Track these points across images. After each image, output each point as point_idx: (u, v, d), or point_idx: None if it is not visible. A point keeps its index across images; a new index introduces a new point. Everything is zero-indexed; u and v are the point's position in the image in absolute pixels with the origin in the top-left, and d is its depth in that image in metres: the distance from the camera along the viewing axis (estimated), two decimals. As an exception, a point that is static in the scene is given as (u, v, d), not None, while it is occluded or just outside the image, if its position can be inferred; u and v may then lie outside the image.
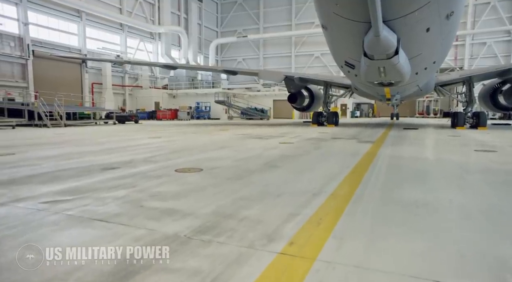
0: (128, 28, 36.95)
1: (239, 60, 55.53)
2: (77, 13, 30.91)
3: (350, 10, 6.58)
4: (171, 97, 39.40)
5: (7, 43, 25.42)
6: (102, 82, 32.95)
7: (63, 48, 29.84)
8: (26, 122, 18.88)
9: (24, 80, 26.50)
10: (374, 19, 6.03)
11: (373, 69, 8.85)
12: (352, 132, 13.51)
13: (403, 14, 6.57)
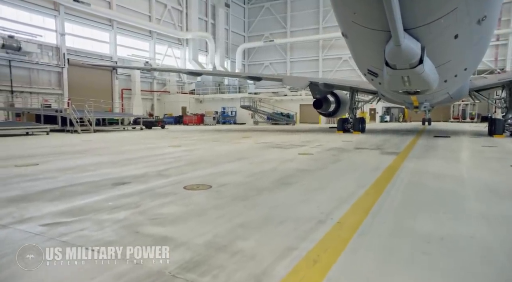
0: (156, 35, 37.91)
1: (266, 65, 55.54)
2: (109, 22, 32.10)
3: (368, 19, 6.28)
4: (198, 102, 39.96)
5: (46, 53, 26.82)
6: (131, 88, 33.96)
7: (95, 56, 31.05)
8: (59, 128, 19.74)
9: (59, 87, 27.80)
10: (394, 29, 5.70)
11: (397, 79, 8.44)
12: (378, 140, 13.01)
13: (427, 22, 6.18)
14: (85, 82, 29.15)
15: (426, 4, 5.86)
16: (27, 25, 25.98)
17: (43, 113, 20.50)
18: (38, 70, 26.45)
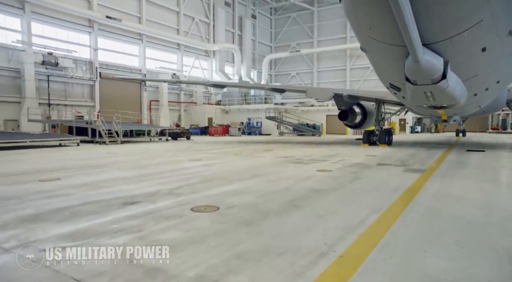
0: (184, 47, 38.92)
1: (293, 75, 55.46)
2: (138, 37, 33.36)
3: (384, 34, 6.03)
4: (224, 113, 40.39)
5: (80, 67, 28.22)
6: (159, 99, 34.90)
7: (125, 69, 32.29)
8: (89, 139, 20.51)
9: (91, 99, 29.07)
10: (410, 45, 5.43)
11: (419, 94, 8.05)
12: (404, 155, 12.48)
13: (448, 37, 5.85)
14: (116, 94, 30.30)
15: (445, 19, 5.56)
16: (64, 42, 27.45)
17: (75, 125, 21.42)
18: (73, 84, 27.83)
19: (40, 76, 25.33)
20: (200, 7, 41.62)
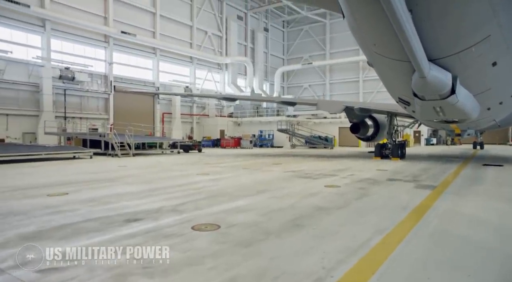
0: (197, 60, 39.52)
1: (305, 87, 55.49)
2: (152, 51, 34.08)
3: (389, 50, 5.95)
4: (236, 125, 40.56)
5: (95, 81, 28.95)
6: (172, 112, 35.34)
7: (139, 82, 32.95)
8: (102, 152, 20.84)
9: (106, 112, 29.68)
10: (415, 61, 5.32)
11: (428, 109, 7.88)
12: (416, 169, 12.18)
13: (455, 52, 5.72)
14: (129, 107, 30.86)
15: (450, 35, 5.45)
16: (81, 56, 28.29)
17: (89, 138, 21.83)
18: (88, 97, 28.52)
19: (57, 90, 26.07)
20: (213, 21, 42.36)
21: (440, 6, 4.89)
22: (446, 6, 4.91)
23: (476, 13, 5.03)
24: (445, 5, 4.90)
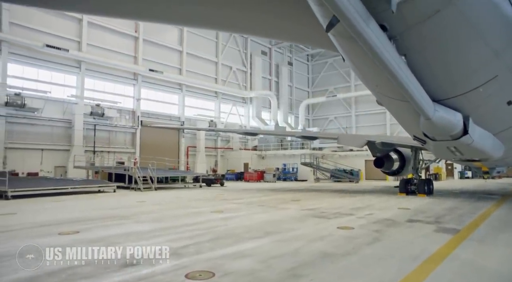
0: (222, 95, 40.55)
1: (331, 119, 55.14)
2: (178, 86, 35.44)
3: (392, 91, 5.79)
4: (260, 158, 40.52)
5: (123, 116, 30.24)
6: (196, 145, 35.97)
7: (165, 117, 34.06)
8: (125, 185, 21.29)
9: (133, 146, 30.67)
10: (415, 104, 5.10)
11: (443, 149, 7.49)
12: (442, 208, 11.46)
13: (461, 93, 5.47)
14: (155, 141, 31.77)
15: (451, 77, 5.25)
16: (111, 93, 29.88)
17: (114, 171, 22.46)
18: (116, 132, 29.72)
19: (87, 125, 27.39)
20: (238, 57, 43.78)
21: (432, 51, 4.76)
22: (439, 52, 4.78)
23: (474, 57, 4.86)
24: (437, 51, 4.77)
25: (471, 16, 4.16)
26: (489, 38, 4.53)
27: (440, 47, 4.65)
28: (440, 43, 4.57)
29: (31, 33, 24.87)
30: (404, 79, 4.36)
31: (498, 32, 4.50)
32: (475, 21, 4.24)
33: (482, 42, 4.56)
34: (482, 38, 4.49)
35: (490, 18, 4.30)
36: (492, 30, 4.45)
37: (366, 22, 3.44)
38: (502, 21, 4.34)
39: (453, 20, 4.15)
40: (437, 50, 4.71)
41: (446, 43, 4.56)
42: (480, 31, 4.40)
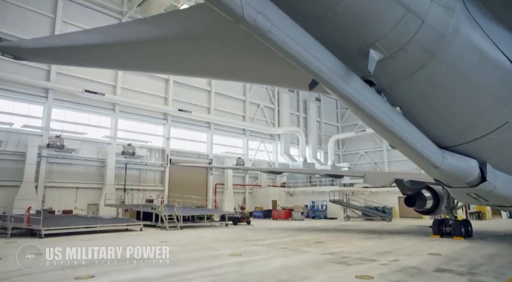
0: (249, 132, 41.10)
1: (361, 154, 53.85)
2: (207, 125, 36.47)
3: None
4: (288, 195, 39.89)
5: (153, 155, 31.31)
6: (224, 182, 36.12)
7: (193, 155, 34.83)
8: (152, 224, 21.52)
9: (162, 184, 31.36)
10: (418, 153, 4.77)
11: (462, 195, 6.98)
12: (480, 255, 10.45)
13: (470, 139, 5.16)
14: (184, 178, 32.35)
15: (456, 125, 5.00)
16: (142, 133, 31.22)
17: (142, 210, 22.88)
18: (146, 170, 30.67)
19: (119, 164, 28.53)
20: (265, 94, 44.71)
21: (428, 101, 4.62)
22: (435, 102, 4.62)
23: (476, 105, 4.65)
24: (433, 100, 4.62)
25: (459, 68, 4.05)
26: (488, 87, 4.35)
27: (436, 97, 4.51)
28: (434, 94, 4.43)
29: (73, 80, 26.99)
30: (398, 130, 4.21)
31: (496, 80, 4.31)
32: (466, 72, 4.11)
33: (481, 91, 4.38)
34: (479, 87, 4.32)
35: (482, 68, 4.15)
36: (488, 79, 4.28)
37: (345, 80, 3.42)
38: (497, 70, 4.18)
39: (441, 73, 4.05)
40: (433, 100, 4.57)
41: (440, 93, 4.42)
42: (475, 81, 4.25)
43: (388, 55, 3.63)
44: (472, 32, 3.85)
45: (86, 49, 5.12)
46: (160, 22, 4.64)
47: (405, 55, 3.70)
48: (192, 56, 5.08)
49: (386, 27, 3.40)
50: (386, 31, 3.41)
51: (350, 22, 3.32)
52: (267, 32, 2.70)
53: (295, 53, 2.98)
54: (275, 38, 2.78)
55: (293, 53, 2.97)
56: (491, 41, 3.94)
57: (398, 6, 3.25)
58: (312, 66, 3.14)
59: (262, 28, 2.66)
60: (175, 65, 5.62)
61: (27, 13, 25.91)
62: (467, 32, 3.80)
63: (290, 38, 2.88)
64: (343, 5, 3.09)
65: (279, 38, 2.81)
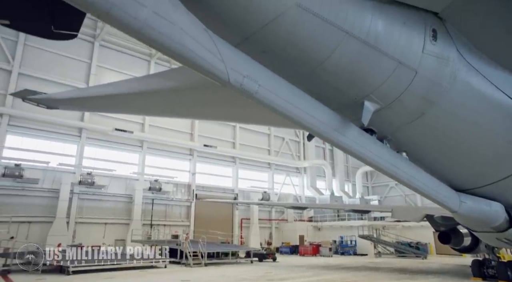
0: (275, 166, 40.96)
1: (391, 186, 51.89)
2: (232, 159, 36.83)
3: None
4: (316, 229, 38.73)
5: (179, 190, 31.78)
6: (250, 217, 35.73)
7: (219, 190, 34.99)
8: (177, 260, 21.44)
9: (187, 219, 31.50)
10: (430, 197, 4.57)
11: (492, 240, 6.51)
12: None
13: (491, 182, 4.90)
14: (209, 213, 32.36)
15: (471, 168, 4.78)
16: (168, 169, 31.95)
17: (167, 246, 22.91)
18: (172, 206, 31.04)
19: (146, 200, 29.10)
20: (290, 128, 44.99)
21: (435, 146, 4.49)
22: (443, 146, 4.49)
23: (489, 148, 4.47)
24: (441, 144, 4.49)
25: (462, 113, 3.97)
26: (496, 128, 4.21)
27: (442, 142, 4.39)
28: (440, 138, 4.33)
29: (104, 119, 28.45)
30: (404, 177, 4.10)
31: (504, 121, 4.18)
32: (469, 116, 4.02)
33: (489, 133, 4.24)
34: (486, 129, 4.19)
35: (486, 110, 4.05)
36: (494, 120, 4.16)
37: (341, 132, 3.44)
38: (502, 110, 4.06)
39: (444, 118, 3.98)
40: (440, 145, 4.45)
41: (446, 137, 4.31)
42: (481, 124, 4.13)
43: (385, 105, 3.64)
44: (470, 77, 3.80)
45: (111, 98, 5.53)
46: (181, 73, 4.92)
47: (402, 105, 3.69)
48: (213, 103, 5.28)
49: (377, 80, 3.44)
50: (378, 84, 3.45)
51: (340, 77, 3.39)
52: (254, 93, 2.82)
53: (285, 111, 3.06)
54: (263, 98, 2.88)
55: (283, 111, 3.05)
56: (491, 83, 3.88)
57: (387, 60, 3.30)
58: (304, 121, 3.20)
59: (249, 90, 2.78)
60: (197, 111, 5.91)
61: (66, 60, 28.10)
62: (464, 78, 3.76)
63: (278, 97, 2.97)
64: (330, 62, 3.19)
65: (267, 97, 2.91)
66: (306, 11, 2.86)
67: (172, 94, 5.14)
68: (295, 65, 3.27)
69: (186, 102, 5.38)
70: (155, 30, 2.32)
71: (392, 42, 3.28)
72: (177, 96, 5.20)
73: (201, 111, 5.86)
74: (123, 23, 2.23)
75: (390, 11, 3.25)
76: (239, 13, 2.82)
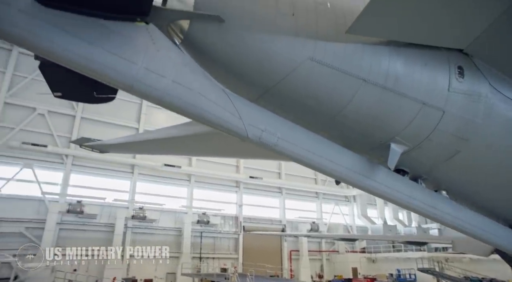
0: (323, 195, 39.93)
1: (451, 212, 47.98)
2: (278, 190, 36.60)
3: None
4: (369, 261, 36.49)
5: (227, 223, 32.07)
6: (299, 249, 34.71)
7: (266, 221, 34.71)
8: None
9: (235, 252, 31.39)
10: (478, 237, 4.18)
11: None
12: None
13: None
14: (258, 245, 32.01)
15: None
16: (216, 201, 32.50)
17: (216, 279, 22.92)
18: (220, 238, 31.25)
19: (194, 233, 29.61)
20: (336, 155, 43.92)
21: (478, 180, 4.16)
22: (487, 179, 4.15)
23: None
24: (484, 179, 4.16)
25: (503, 145, 3.69)
26: None
27: (485, 177, 4.08)
28: (483, 173, 4.03)
29: (153, 156, 29.91)
30: (445, 218, 3.81)
31: None
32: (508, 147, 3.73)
33: None
34: None
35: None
36: None
37: (368, 176, 3.35)
38: None
39: (483, 153, 3.72)
40: (484, 180, 4.14)
41: (489, 172, 4.00)
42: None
43: (413, 146, 3.51)
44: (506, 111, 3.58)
45: (157, 142, 6.00)
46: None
47: (433, 144, 3.52)
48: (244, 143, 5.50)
49: (402, 123, 3.34)
50: (403, 126, 3.35)
51: (362, 122, 3.34)
52: (273, 146, 2.89)
53: (306, 160, 3.08)
54: (283, 150, 2.94)
55: (305, 160, 3.08)
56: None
57: (409, 102, 3.22)
58: (327, 168, 3.19)
59: (268, 143, 2.86)
60: (242, 151, 6.19)
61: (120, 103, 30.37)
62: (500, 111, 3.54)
63: (298, 147, 3.02)
64: (350, 110, 3.18)
65: (287, 148, 2.96)
66: (319, 63, 2.94)
67: (215, 137, 5.41)
68: (314, 115, 3.32)
69: (231, 143, 5.62)
70: (175, 97, 2.53)
71: (413, 84, 3.22)
72: (220, 138, 5.46)
73: (246, 151, 6.07)
74: (144, 94, 2.46)
75: (409, 54, 3.22)
76: (254, 70, 2.96)
